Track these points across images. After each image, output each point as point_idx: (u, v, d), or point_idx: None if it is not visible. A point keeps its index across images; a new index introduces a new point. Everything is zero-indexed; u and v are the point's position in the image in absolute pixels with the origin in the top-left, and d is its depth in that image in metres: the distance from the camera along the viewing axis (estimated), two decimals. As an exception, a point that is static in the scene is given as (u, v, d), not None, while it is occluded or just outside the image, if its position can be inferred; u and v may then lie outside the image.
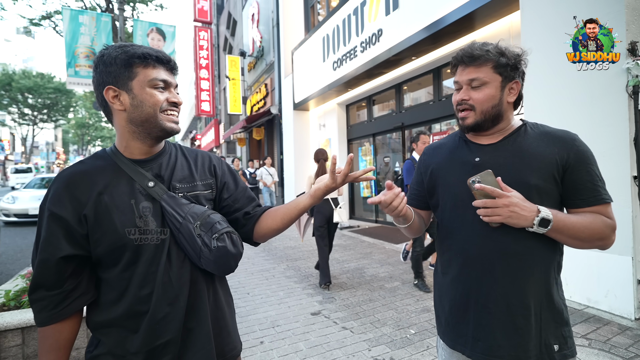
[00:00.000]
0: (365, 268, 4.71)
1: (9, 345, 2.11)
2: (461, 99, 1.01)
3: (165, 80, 0.93)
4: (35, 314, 0.87)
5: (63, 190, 0.87)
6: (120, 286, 0.89)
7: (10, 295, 2.41)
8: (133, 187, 0.92)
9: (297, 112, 10.11)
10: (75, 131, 49.10)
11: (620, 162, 2.90)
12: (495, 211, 0.91)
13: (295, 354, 2.58)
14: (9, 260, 5.75)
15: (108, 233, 0.87)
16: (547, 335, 0.96)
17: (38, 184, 10.59)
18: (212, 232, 0.92)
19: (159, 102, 0.91)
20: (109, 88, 0.90)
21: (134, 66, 0.89)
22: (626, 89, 2.84)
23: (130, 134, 0.94)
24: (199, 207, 0.95)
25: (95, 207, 0.87)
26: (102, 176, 0.90)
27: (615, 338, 2.61)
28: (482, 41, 1.03)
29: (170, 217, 0.91)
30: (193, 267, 0.96)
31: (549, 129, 1.03)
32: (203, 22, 18.51)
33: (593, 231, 0.93)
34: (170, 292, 0.91)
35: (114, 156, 0.95)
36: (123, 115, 0.91)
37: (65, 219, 0.86)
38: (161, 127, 0.93)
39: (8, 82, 31.40)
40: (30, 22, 14.87)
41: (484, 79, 0.98)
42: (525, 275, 0.96)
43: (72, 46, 5.61)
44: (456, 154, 1.09)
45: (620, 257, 2.92)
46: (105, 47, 0.92)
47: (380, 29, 6.06)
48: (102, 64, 0.90)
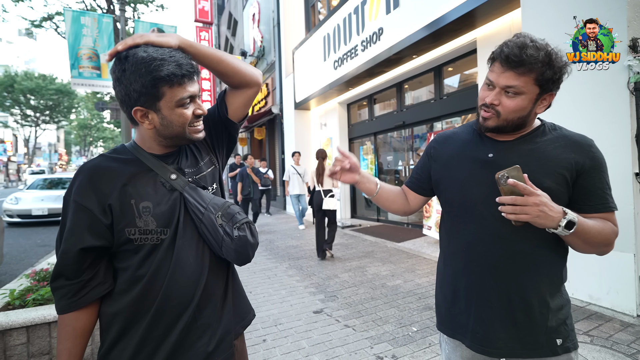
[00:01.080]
0: (367, 266, 4.72)
1: (14, 344, 2.13)
2: (490, 102, 0.96)
3: (192, 95, 0.93)
4: (56, 302, 0.90)
5: (87, 182, 0.89)
6: (137, 274, 0.92)
7: (15, 295, 2.43)
8: (155, 179, 0.95)
9: (298, 111, 10.12)
10: (78, 132, 49.28)
11: (622, 159, 2.90)
12: (524, 209, 0.86)
13: (297, 352, 2.59)
14: (12, 260, 5.78)
15: (132, 222, 0.90)
16: (551, 331, 0.97)
17: (41, 185, 10.64)
18: (232, 222, 0.97)
19: (188, 119, 0.93)
20: (137, 110, 0.90)
21: (159, 86, 0.87)
22: (628, 85, 2.84)
23: (156, 141, 0.97)
24: (219, 199, 1.00)
25: (120, 197, 0.89)
26: (125, 169, 0.93)
27: (617, 334, 2.61)
28: (530, 37, 0.92)
29: (192, 207, 0.95)
30: (212, 255, 1.00)
31: (567, 132, 1.02)
32: (204, 23, 18.52)
33: (604, 237, 0.93)
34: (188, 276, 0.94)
35: (135, 151, 0.98)
36: (151, 131, 0.94)
37: (90, 209, 0.88)
38: (188, 139, 0.97)
39: (10, 84, 31.55)
40: (31, 23, 14.92)
41: (521, 88, 0.92)
42: (530, 273, 0.96)
43: (75, 48, 5.63)
44: (469, 148, 1.07)
45: (623, 254, 2.92)
46: (125, 56, 0.87)
47: (380, 27, 6.06)
48: (126, 78, 0.87)
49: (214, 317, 0.99)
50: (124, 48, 0.88)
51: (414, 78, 6.87)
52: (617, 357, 2.34)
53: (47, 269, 2.98)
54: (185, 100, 0.91)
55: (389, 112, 7.84)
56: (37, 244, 7.06)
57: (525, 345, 0.97)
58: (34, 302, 2.37)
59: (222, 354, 0.99)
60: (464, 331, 1.05)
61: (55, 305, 0.91)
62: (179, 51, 0.92)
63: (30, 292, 2.50)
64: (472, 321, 1.03)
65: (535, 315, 0.96)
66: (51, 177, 11.37)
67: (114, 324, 0.92)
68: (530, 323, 0.96)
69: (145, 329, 0.91)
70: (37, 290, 2.53)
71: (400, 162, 7.56)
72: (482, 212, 1.00)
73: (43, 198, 9.37)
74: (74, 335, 0.89)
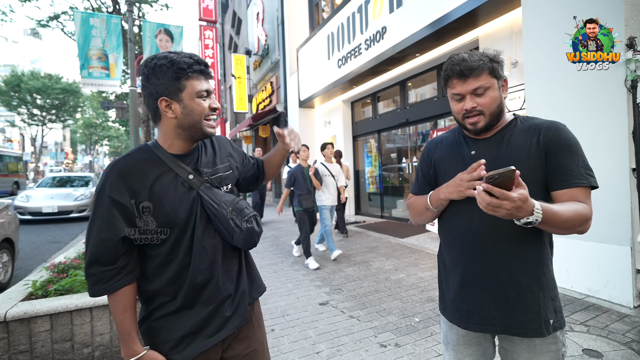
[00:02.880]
0: (371, 261, 4.83)
1: (38, 331, 2.26)
2: (471, 107, 1.09)
3: (207, 90, 1.09)
4: (90, 287, 1.03)
5: (120, 180, 1.02)
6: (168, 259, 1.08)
7: (37, 285, 2.56)
8: (176, 179, 1.09)
9: (302, 109, 10.21)
10: (83, 131, 49.65)
11: (619, 155, 2.97)
12: (495, 210, 0.90)
13: (304, 340, 2.71)
14: (26, 256, 5.95)
15: (160, 216, 1.05)
16: (546, 311, 1.06)
17: (50, 183, 10.83)
18: (242, 216, 1.13)
19: (205, 110, 1.08)
20: (163, 99, 1.04)
21: (182, 79, 1.03)
22: (625, 83, 2.91)
23: (176, 135, 1.10)
24: (229, 196, 1.15)
25: (149, 195, 1.03)
26: (150, 169, 1.06)
27: (614, 325, 2.70)
28: (463, 52, 1.13)
29: (207, 204, 1.09)
30: (224, 241, 1.17)
31: (537, 120, 1.12)
32: (208, 21, 18.63)
33: (574, 221, 0.97)
34: (207, 259, 1.10)
35: (157, 150, 1.10)
36: (173, 121, 1.07)
37: (123, 204, 1.01)
38: (202, 132, 1.10)
39: (17, 84, 31.85)
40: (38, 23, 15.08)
41: (486, 85, 1.08)
42: (517, 255, 1.06)
43: (85, 48, 5.76)
44: (456, 147, 1.21)
45: (620, 247, 3.00)
46: (152, 58, 1.06)
47: (384, 26, 6.14)
48: (154, 76, 1.03)
49: (232, 289, 1.17)
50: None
51: (417, 76, 6.94)
52: (612, 345, 2.43)
53: (65, 262, 3.12)
54: (203, 93, 1.07)
55: (393, 109, 7.91)
56: (49, 240, 7.24)
57: (520, 324, 1.05)
58: (55, 292, 2.50)
59: (238, 317, 1.17)
60: (459, 315, 1.15)
61: (88, 290, 1.04)
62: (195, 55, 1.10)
63: (51, 283, 2.64)
64: (468, 303, 1.12)
65: (526, 294, 1.05)
66: (60, 176, 11.57)
67: (154, 299, 1.09)
68: (522, 301, 1.05)
69: (180, 301, 1.08)
70: (57, 281, 2.66)
71: (404, 160, 7.65)
72: (470, 203, 1.10)
73: (53, 196, 9.56)
74: (128, 307, 1.06)
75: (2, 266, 4.38)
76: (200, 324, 1.10)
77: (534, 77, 3.62)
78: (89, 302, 2.36)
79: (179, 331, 1.08)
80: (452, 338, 1.21)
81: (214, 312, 1.12)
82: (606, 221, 3.03)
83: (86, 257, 1.03)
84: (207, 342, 1.10)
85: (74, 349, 2.32)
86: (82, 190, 10.09)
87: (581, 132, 1.63)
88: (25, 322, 2.23)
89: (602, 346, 2.42)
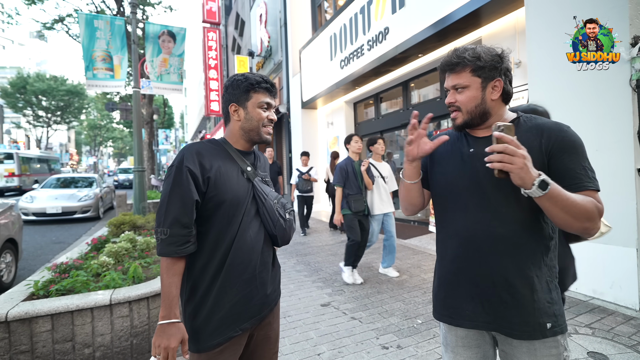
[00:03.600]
0: (373, 262, 4.80)
1: (39, 331, 2.26)
2: (449, 102, 1.14)
3: (269, 103, 1.33)
4: (165, 246, 1.15)
5: (195, 156, 1.20)
6: (216, 238, 1.21)
7: (38, 285, 2.57)
8: (237, 167, 1.29)
9: (305, 110, 10.22)
10: (88, 132, 50.01)
11: (624, 155, 2.94)
12: (512, 159, 0.89)
13: (306, 342, 2.69)
14: (30, 256, 5.98)
15: (221, 193, 1.21)
16: (541, 314, 1.03)
17: (54, 184, 10.90)
18: (285, 208, 1.36)
19: (263, 118, 1.31)
20: (232, 105, 1.30)
21: (250, 92, 1.29)
22: (630, 83, 2.88)
23: (240, 135, 1.33)
24: (274, 192, 1.37)
25: (216, 173, 1.21)
26: (218, 155, 1.27)
27: (619, 327, 2.66)
28: (463, 47, 1.11)
29: (259, 193, 1.29)
30: (265, 233, 1.32)
31: (540, 121, 1.08)
32: (212, 23, 18.71)
33: (584, 209, 0.93)
34: (250, 243, 1.25)
35: (225, 145, 1.32)
36: (238, 123, 1.32)
37: (196, 175, 1.18)
38: (260, 136, 1.33)
39: (23, 85, 32.17)
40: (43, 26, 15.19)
41: (464, 83, 1.09)
42: (511, 256, 1.04)
43: (90, 50, 5.79)
44: (456, 145, 1.19)
45: (625, 248, 2.96)
46: (233, 75, 1.33)
47: (386, 27, 6.13)
48: (231, 87, 1.30)
49: (267, 279, 1.32)
50: None
51: (420, 77, 6.92)
52: (618, 348, 2.39)
53: (67, 262, 3.13)
54: (263, 104, 1.31)
55: (395, 110, 7.89)
56: (52, 241, 7.27)
57: (512, 325, 1.04)
58: (57, 292, 2.50)
59: (268, 307, 1.34)
60: (450, 313, 1.15)
61: (160, 249, 1.15)
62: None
63: (53, 283, 2.64)
64: (462, 302, 1.11)
65: (519, 295, 1.03)
66: (64, 177, 11.63)
67: (199, 277, 1.21)
68: (516, 303, 1.03)
69: (220, 282, 1.21)
70: (59, 281, 2.67)
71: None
72: (466, 201, 1.09)
73: (57, 197, 9.60)
74: (178, 273, 1.17)
75: (6, 266, 4.40)
76: (237, 309, 1.22)
77: (537, 77, 3.60)
78: (90, 303, 2.36)
79: (217, 313, 1.19)
80: (452, 340, 1.19)
81: (250, 299, 1.25)
82: (611, 222, 2.98)
83: (164, 219, 1.15)
84: (243, 326, 1.24)
85: (75, 349, 2.32)
86: (86, 191, 10.13)
87: (585, 133, 1.61)
88: (26, 322, 2.23)
89: (608, 349, 2.39)
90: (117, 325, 2.44)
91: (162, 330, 1.11)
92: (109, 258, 3.12)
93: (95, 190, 10.50)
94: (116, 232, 4.52)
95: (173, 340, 1.09)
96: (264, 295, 1.29)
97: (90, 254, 3.58)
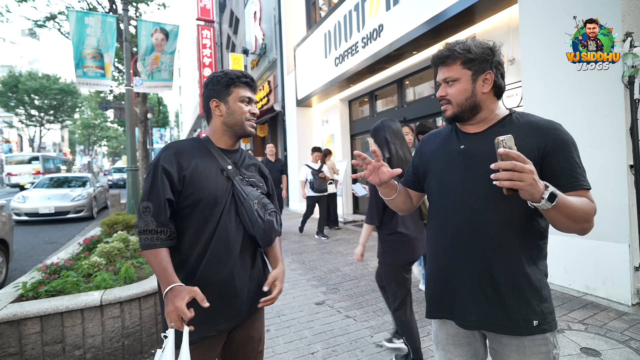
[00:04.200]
0: (368, 260, 4.80)
1: (28, 333, 2.22)
2: (440, 96, 1.14)
3: (250, 97, 1.33)
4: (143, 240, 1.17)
5: (173, 155, 1.22)
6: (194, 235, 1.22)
7: (27, 287, 2.53)
8: (218, 165, 1.28)
9: (300, 108, 10.18)
10: (82, 131, 49.53)
11: (617, 152, 2.95)
12: (521, 176, 0.84)
13: (300, 341, 2.68)
14: (21, 257, 5.91)
15: (197, 191, 1.21)
16: (527, 311, 1.02)
17: (47, 184, 10.78)
18: (265, 209, 1.30)
19: (245, 112, 1.32)
20: (214, 100, 1.31)
21: (231, 86, 1.31)
22: (622, 79, 2.89)
23: (222, 132, 1.34)
24: (256, 192, 1.33)
25: (192, 172, 1.22)
26: (198, 153, 1.28)
27: (612, 323, 2.67)
28: (455, 40, 1.12)
29: (238, 193, 1.27)
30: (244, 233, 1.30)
31: (533, 118, 1.07)
32: (206, 21, 18.59)
33: (583, 212, 0.93)
34: (227, 242, 1.24)
35: (207, 142, 1.33)
36: (220, 119, 1.32)
37: (171, 173, 1.20)
38: (244, 130, 1.33)
39: (15, 84, 31.73)
40: (35, 23, 15.00)
41: (454, 76, 1.09)
42: (497, 253, 1.03)
43: (79, 48, 5.71)
44: (447, 142, 1.18)
45: (618, 244, 2.97)
46: (213, 73, 1.34)
47: (381, 24, 6.10)
48: (211, 83, 1.31)
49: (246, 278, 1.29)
50: None
51: (414, 74, 6.90)
52: (610, 343, 2.40)
53: (57, 262, 3.09)
54: (245, 98, 1.32)
55: (391, 108, 7.88)
56: (45, 241, 7.20)
57: (497, 321, 1.04)
58: (46, 294, 2.47)
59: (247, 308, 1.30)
60: (438, 309, 1.16)
61: (141, 243, 1.17)
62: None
63: (43, 285, 2.60)
64: (450, 298, 1.12)
65: (504, 292, 1.03)
66: (57, 176, 11.52)
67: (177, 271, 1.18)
68: (500, 299, 1.03)
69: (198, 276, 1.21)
70: (48, 282, 2.63)
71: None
72: (455, 198, 1.09)
73: (50, 197, 9.50)
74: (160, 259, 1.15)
75: (-4, 267, 4.34)
76: (213, 309, 1.17)
77: (531, 74, 3.60)
78: (80, 304, 2.33)
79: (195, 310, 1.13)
80: (442, 338, 1.19)
81: (227, 299, 1.24)
82: (604, 218, 3.00)
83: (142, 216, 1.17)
84: (219, 327, 1.23)
85: (65, 351, 2.29)
86: (79, 191, 10.03)
87: (578, 129, 1.62)
88: (14, 324, 2.19)
89: (600, 344, 2.39)
90: (108, 326, 2.41)
91: (166, 299, 1.09)
92: (100, 258, 3.08)
93: (89, 189, 10.40)
94: (109, 232, 4.48)
95: (178, 300, 1.05)
96: (242, 296, 1.27)
97: (82, 254, 3.53)
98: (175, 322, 1.05)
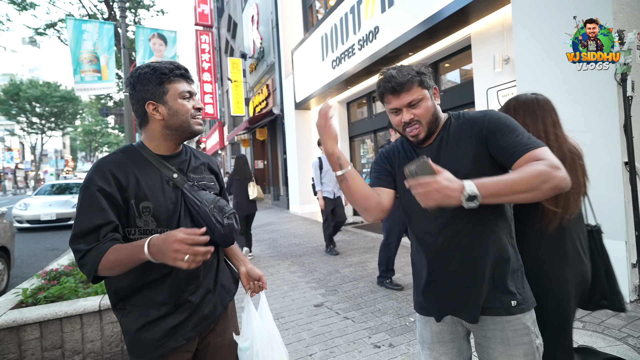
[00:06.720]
0: (367, 262, 4.80)
1: (28, 339, 2.24)
2: (409, 119, 1.13)
3: (189, 91, 1.17)
4: (82, 269, 1.05)
5: (108, 173, 1.07)
6: None
7: (27, 293, 2.55)
8: (161, 176, 1.15)
9: (298, 111, 10.21)
10: (83, 138, 49.77)
11: (611, 149, 2.95)
12: (428, 195, 0.91)
13: (298, 343, 2.69)
14: (23, 264, 5.94)
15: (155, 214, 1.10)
16: (504, 292, 1.09)
17: (48, 191, 10.84)
18: (222, 212, 1.18)
19: (189, 110, 1.16)
20: (150, 103, 1.13)
21: (165, 83, 1.13)
22: (615, 77, 2.90)
23: (164, 136, 1.17)
24: (210, 195, 1.21)
25: (135, 191, 1.09)
26: (135, 166, 1.12)
27: (609, 320, 2.68)
28: (397, 66, 1.16)
29: (190, 201, 1.15)
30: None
31: (468, 115, 1.17)
32: (204, 26, 18.71)
33: (529, 177, 0.91)
34: None
35: (142, 150, 1.17)
36: (161, 122, 1.15)
37: (111, 193, 1.06)
38: (191, 130, 1.18)
39: (16, 92, 31.96)
40: (35, 31, 15.12)
41: (418, 97, 1.12)
42: (470, 247, 1.10)
43: (77, 53, 5.74)
44: (407, 156, 1.23)
45: (614, 241, 2.97)
46: (136, 69, 1.15)
47: (376, 26, 6.13)
48: (139, 83, 1.13)
49: (211, 284, 1.23)
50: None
51: (411, 75, 6.93)
52: (608, 341, 2.40)
53: (57, 269, 3.11)
54: (185, 94, 1.15)
55: (388, 109, 7.89)
56: (47, 248, 7.23)
57: (477, 307, 1.09)
58: (45, 300, 2.49)
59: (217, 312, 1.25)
60: (420, 305, 1.23)
61: (92, 262, 1.02)
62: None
63: (42, 291, 2.62)
64: (439, 294, 1.16)
65: (480, 280, 1.08)
66: (59, 183, 11.57)
67: (137, 293, 1.11)
68: (476, 289, 1.09)
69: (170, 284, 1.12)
70: (48, 289, 2.65)
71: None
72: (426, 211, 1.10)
73: (51, 203, 9.56)
74: (120, 248, 1.03)
75: (-2, 275, 4.37)
76: (183, 318, 1.13)
77: (525, 73, 3.61)
78: (79, 309, 2.35)
79: (158, 324, 1.10)
80: (427, 337, 1.22)
81: (196, 307, 1.17)
82: (600, 215, 2.98)
83: (73, 243, 1.06)
84: (187, 335, 1.15)
85: (65, 357, 2.30)
86: (81, 197, 10.08)
87: (573, 127, 1.63)
88: (14, 330, 2.21)
89: (598, 342, 2.40)
90: (107, 331, 2.43)
91: (155, 248, 0.96)
92: (99, 264, 3.10)
93: (90, 196, 10.44)
94: (109, 238, 4.49)
95: (173, 234, 0.94)
96: (209, 299, 1.21)
97: (82, 260, 3.55)
98: (188, 254, 0.93)
